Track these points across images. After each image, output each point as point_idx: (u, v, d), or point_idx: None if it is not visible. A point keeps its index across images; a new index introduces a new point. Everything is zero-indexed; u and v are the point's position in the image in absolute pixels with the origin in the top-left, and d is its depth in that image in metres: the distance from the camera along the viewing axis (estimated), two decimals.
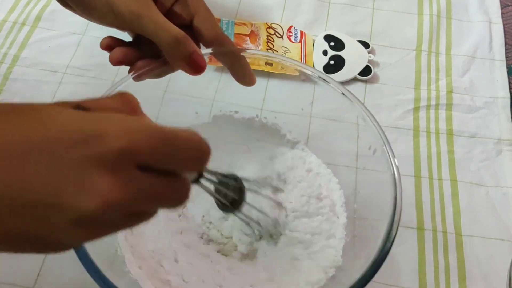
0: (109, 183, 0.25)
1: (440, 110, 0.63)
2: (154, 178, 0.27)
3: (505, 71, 0.67)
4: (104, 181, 0.25)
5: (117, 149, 0.25)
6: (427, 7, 0.73)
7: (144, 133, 0.27)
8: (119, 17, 0.42)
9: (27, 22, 0.68)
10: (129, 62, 0.46)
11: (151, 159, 0.27)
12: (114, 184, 0.25)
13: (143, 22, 0.42)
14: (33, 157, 0.25)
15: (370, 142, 0.47)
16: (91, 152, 0.25)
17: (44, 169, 0.25)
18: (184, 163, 0.29)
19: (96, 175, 0.25)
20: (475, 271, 0.51)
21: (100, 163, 0.25)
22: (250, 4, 0.72)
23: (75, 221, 0.25)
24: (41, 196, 0.25)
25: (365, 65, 0.66)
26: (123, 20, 0.42)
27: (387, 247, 0.39)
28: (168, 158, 0.28)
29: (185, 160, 0.29)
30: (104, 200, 0.25)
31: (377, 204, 0.45)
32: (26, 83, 0.62)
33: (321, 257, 0.47)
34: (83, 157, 0.25)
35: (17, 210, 0.25)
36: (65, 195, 0.25)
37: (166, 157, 0.28)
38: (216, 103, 0.56)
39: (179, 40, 0.43)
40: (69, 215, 0.25)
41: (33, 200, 0.25)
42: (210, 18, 0.47)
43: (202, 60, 0.44)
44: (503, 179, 0.57)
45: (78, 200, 0.25)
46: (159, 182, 0.28)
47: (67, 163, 0.25)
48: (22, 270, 0.49)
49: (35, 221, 0.25)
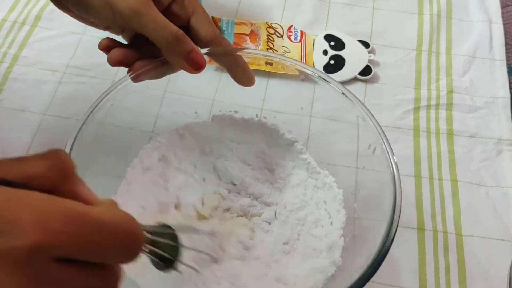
0: (20, 285, 0.23)
1: (440, 110, 0.63)
2: (75, 272, 0.24)
3: (505, 71, 0.67)
4: (14, 282, 0.22)
5: (31, 243, 0.22)
6: (427, 7, 0.73)
7: (65, 221, 0.23)
8: (117, 14, 0.42)
9: (27, 21, 0.68)
10: (127, 63, 0.46)
11: (71, 252, 0.24)
12: (26, 285, 0.23)
13: (143, 19, 0.42)
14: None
15: (370, 142, 0.47)
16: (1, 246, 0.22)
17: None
18: (111, 255, 0.26)
19: (5, 274, 0.22)
20: (475, 271, 0.51)
21: (10, 258, 0.22)
22: (250, 4, 0.72)
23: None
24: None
25: (365, 65, 0.66)
26: (121, 17, 0.42)
27: (386, 247, 0.39)
28: (92, 250, 0.24)
29: (112, 252, 0.25)
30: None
31: (377, 203, 0.45)
32: (26, 83, 0.62)
33: (321, 257, 0.47)
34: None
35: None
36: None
37: (90, 250, 0.24)
38: (216, 103, 0.56)
39: (178, 38, 0.43)
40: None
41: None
42: (207, 18, 0.47)
43: (202, 58, 0.44)
44: (503, 179, 0.57)
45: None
46: (81, 276, 0.25)
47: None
48: None
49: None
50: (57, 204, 0.24)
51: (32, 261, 0.23)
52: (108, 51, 0.45)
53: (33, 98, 0.61)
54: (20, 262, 0.22)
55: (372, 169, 0.48)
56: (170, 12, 0.45)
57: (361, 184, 0.50)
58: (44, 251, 0.23)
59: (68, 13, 0.46)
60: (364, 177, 0.49)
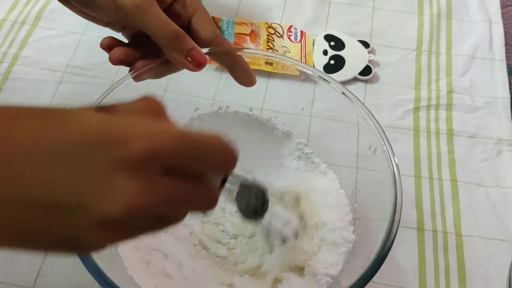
0: (134, 187, 0.25)
1: (440, 110, 0.63)
2: (180, 183, 0.27)
3: (505, 71, 0.67)
4: (128, 185, 0.25)
5: (142, 152, 0.25)
6: (427, 7, 0.73)
7: (169, 136, 0.26)
8: (120, 10, 0.42)
9: (27, 21, 0.68)
10: (129, 62, 0.46)
11: (177, 162, 0.27)
12: (139, 188, 0.25)
13: (145, 16, 0.42)
14: (59, 160, 0.25)
15: (370, 142, 0.47)
16: (116, 156, 0.25)
17: (69, 172, 0.25)
18: (211, 166, 0.29)
19: (121, 178, 0.25)
20: (475, 272, 0.51)
21: (125, 166, 0.25)
22: (251, 4, 0.72)
23: (99, 224, 0.25)
24: (66, 199, 0.25)
25: (365, 65, 0.66)
26: (123, 13, 0.42)
27: (387, 247, 0.39)
28: (194, 161, 0.28)
29: (212, 164, 0.29)
30: (128, 204, 0.25)
31: (377, 204, 0.45)
32: (26, 82, 0.62)
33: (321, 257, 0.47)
34: (108, 161, 0.25)
35: (42, 212, 0.25)
36: (90, 199, 0.25)
37: (192, 161, 0.28)
38: (216, 102, 0.56)
39: (179, 36, 0.43)
40: (93, 218, 0.25)
41: (58, 202, 0.25)
42: (208, 18, 0.47)
43: (202, 55, 0.44)
44: (503, 179, 0.57)
45: (103, 203, 0.25)
46: (185, 187, 0.28)
47: (92, 166, 0.25)
48: (22, 270, 0.49)
49: (60, 223, 0.25)
50: (161, 124, 0.28)
51: (143, 168, 0.25)
52: (109, 50, 0.46)
53: (33, 98, 0.61)
54: (135, 167, 0.25)
55: (373, 169, 0.48)
56: (171, 11, 0.46)
57: (362, 185, 0.50)
58: (153, 160, 0.26)
59: (70, 7, 0.46)
60: (365, 177, 0.49)
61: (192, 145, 0.27)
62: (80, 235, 0.26)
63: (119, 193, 0.25)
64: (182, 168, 0.27)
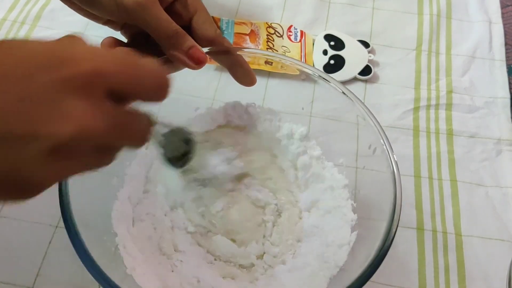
0: (83, 108, 0.25)
1: (440, 110, 0.63)
2: (120, 109, 0.28)
3: (505, 71, 0.67)
4: (76, 106, 0.25)
5: (87, 71, 0.25)
6: (427, 7, 0.73)
7: (111, 58, 0.27)
8: (121, 8, 0.42)
9: (27, 21, 0.68)
10: None
11: (118, 83, 0.27)
12: (88, 110, 0.25)
13: (146, 14, 0.43)
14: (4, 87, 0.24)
15: (370, 142, 0.47)
16: (62, 75, 0.25)
17: (14, 97, 0.24)
18: (147, 90, 0.30)
19: (69, 100, 0.25)
20: (474, 271, 0.51)
21: (72, 86, 0.25)
22: (250, 4, 0.72)
23: (50, 151, 0.24)
24: (12, 127, 0.24)
25: (365, 64, 0.66)
26: (125, 11, 0.43)
27: (386, 246, 0.39)
28: (134, 83, 0.28)
29: (149, 88, 0.29)
30: (79, 126, 0.25)
31: (377, 203, 0.45)
32: None
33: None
34: (54, 81, 0.25)
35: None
36: (39, 123, 0.24)
37: (132, 82, 0.28)
38: (215, 102, 0.56)
39: (179, 34, 0.44)
40: (44, 144, 0.24)
41: (3, 131, 0.24)
42: (208, 18, 0.47)
43: (202, 53, 0.45)
44: (503, 179, 0.57)
45: (53, 126, 0.24)
46: (126, 113, 0.28)
47: (38, 88, 0.24)
48: (21, 269, 0.49)
49: (5, 155, 0.24)
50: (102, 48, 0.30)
51: (90, 89, 0.25)
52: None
53: None
54: (80, 89, 0.25)
55: (372, 169, 0.48)
56: (172, 10, 0.46)
57: (361, 184, 0.50)
58: (98, 80, 0.26)
59: (69, 5, 0.46)
60: (364, 177, 0.49)
61: (132, 67, 0.28)
62: (25, 168, 0.25)
63: (68, 115, 0.24)
64: (121, 91, 0.28)
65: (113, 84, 0.27)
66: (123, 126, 0.28)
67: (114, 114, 0.27)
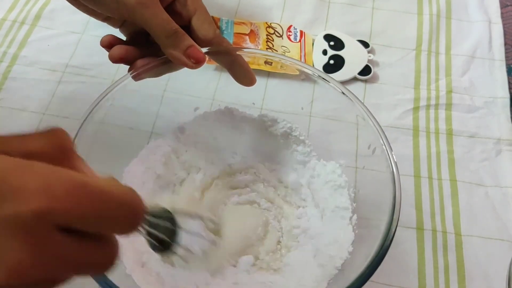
0: (21, 251, 0.22)
1: (440, 110, 0.63)
2: (75, 242, 0.24)
3: (505, 71, 0.67)
4: (13, 248, 0.22)
5: (35, 209, 0.22)
6: (427, 7, 0.73)
7: (68, 190, 0.23)
8: (122, 5, 0.43)
9: (27, 20, 0.68)
10: (128, 60, 0.46)
11: (75, 221, 0.24)
12: (27, 251, 0.23)
13: (146, 12, 0.43)
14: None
15: (369, 142, 0.47)
16: (4, 212, 0.22)
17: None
18: (113, 225, 0.26)
19: (5, 241, 0.22)
20: (474, 271, 0.51)
21: (13, 224, 0.22)
22: (250, 4, 0.72)
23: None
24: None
25: (364, 64, 0.66)
26: (125, 8, 0.43)
27: (386, 246, 0.39)
28: (94, 218, 0.24)
29: (114, 222, 0.26)
30: (11, 271, 0.22)
31: (377, 203, 0.45)
32: (25, 82, 0.62)
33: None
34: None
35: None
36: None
37: (91, 218, 0.24)
38: (215, 102, 0.56)
39: (178, 34, 0.44)
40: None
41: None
42: (208, 19, 0.47)
43: (200, 53, 0.45)
44: (503, 179, 0.57)
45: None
46: (81, 247, 0.25)
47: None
48: None
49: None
50: (60, 173, 0.24)
51: (35, 227, 0.23)
52: (109, 48, 0.46)
53: (33, 98, 0.61)
54: (23, 227, 0.22)
55: (372, 169, 0.48)
56: (172, 10, 0.46)
57: (361, 184, 0.50)
58: (47, 217, 0.23)
59: (70, 0, 0.46)
60: (364, 177, 0.49)
61: (95, 200, 0.24)
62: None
63: (4, 260, 0.22)
64: (80, 226, 0.24)
65: (65, 221, 0.23)
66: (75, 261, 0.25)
67: (63, 251, 0.24)
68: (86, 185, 0.24)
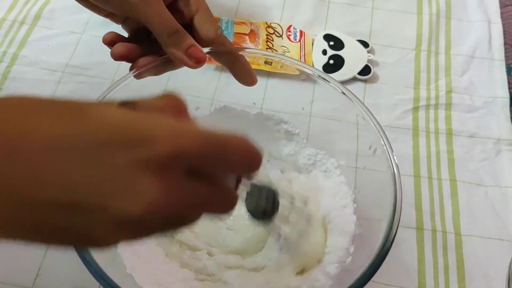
0: (156, 188, 0.25)
1: (440, 110, 0.63)
2: (202, 185, 0.27)
3: (504, 70, 0.67)
4: (150, 185, 0.25)
5: (166, 153, 0.25)
6: (427, 7, 0.73)
7: (194, 137, 0.26)
8: (125, 2, 0.43)
9: (26, 20, 0.68)
10: (130, 58, 0.46)
11: (200, 164, 0.27)
12: (161, 189, 0.25)
13: (149, 10, 0.43)
14: (81, 158, 0.24)
15: (370, 142, 0.47)
16: (139, 156, 0.25)
17: (91, 171, 0.24)
18: (234, 168, 0.29)
19: (143, 179, 0.25)
20: (474, 271, 0.51)
21: (148, 166, 0.25)
22: (250, 3, 0.72)
23: (117, 223, 0.25)
24: (86, 198, 0.24)
25: (364, 64, 0.66)
26: (128, 5, 0.43)
27: (387, 247, 0.39)
28: (218, 163, 0.28)
29: (236, 166, 0.29)
30: (148, 205, 0.25)
31: (377, 203, 0.45)
32: (25, 82, 0.62)
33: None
34: (131, 160, 0.25)
35: (60, 210, 0.24)
36: (110, 198, 0.24)
37: (216, 163, 0.27)
38: (215, 102, 0.56)
39: (179, 33, 0.44)
40: (112, 217, 0.25)
41: (78, 201, 0.24)
42: (210, 18, 0.47)
43: (201, 52, 0.45)
44: (503, 179, 0.57)
45: (123, 203, 0.25)
46: (207, 189, 0.28)
47: (114, 165, 0.24)
48: (21, 269, 0.49)
49: (78, 221, 0.25)
50: (185, 124, 0.27)
51: (167, 169, 0.25)
52: (111, 45, 0.46)
53: None
54: (156, 169, 0.25)
55: (373, 169, 0.48)
56: (174, 8, 0.46)
57: (362, 184, 0.50)
58: (177, 161, 0.25)
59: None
60: (365, 177, 0.49)
61: (217, 147, 0.27)
62: (95, 233, 0.26)
63: (140, 194, 0.25)
64: (205, 169, 0.27)
65: (195, 164, 0.26)
66: (202, 201, 0.28)
67: (192, 191, 0.27)
68: (209, 133, 0.27)
